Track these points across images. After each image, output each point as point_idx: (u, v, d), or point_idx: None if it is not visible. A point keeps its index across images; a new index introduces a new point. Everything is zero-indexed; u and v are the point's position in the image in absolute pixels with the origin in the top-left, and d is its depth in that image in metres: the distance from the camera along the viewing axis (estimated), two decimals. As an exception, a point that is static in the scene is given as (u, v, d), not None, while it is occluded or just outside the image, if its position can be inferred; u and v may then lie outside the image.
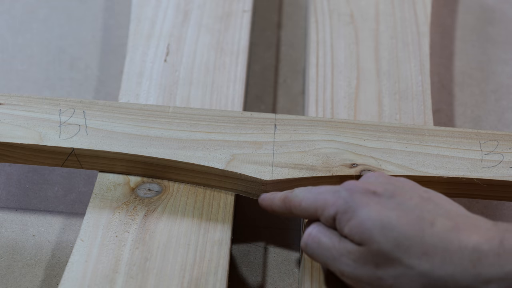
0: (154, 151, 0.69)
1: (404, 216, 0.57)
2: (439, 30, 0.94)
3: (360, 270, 0.58)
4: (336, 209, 0.59)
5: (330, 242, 0.60)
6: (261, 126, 0.72)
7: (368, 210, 0.58)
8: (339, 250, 0.59)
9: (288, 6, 0.96)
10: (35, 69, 0.87)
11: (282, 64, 0.90)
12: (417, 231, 0.56)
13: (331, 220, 0.60)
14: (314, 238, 0.61)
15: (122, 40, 0.89)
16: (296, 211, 0.63)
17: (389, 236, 0.56)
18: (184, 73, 0.79)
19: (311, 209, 0.61)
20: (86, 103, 0.72)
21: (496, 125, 0.85)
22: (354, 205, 0.59)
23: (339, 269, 0.59)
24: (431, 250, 0.55)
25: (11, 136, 0.69)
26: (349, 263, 0.58)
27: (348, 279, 0.59)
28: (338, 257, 0.59)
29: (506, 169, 0.70)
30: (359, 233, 0.58)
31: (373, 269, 0.57)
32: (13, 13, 0.92)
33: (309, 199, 0.62)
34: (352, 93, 0.78)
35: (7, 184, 0.76)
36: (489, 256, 0.54)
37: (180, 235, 0.66)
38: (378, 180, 0.61)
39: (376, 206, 0.58)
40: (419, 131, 0.72)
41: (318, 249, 0.61)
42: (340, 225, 0.59)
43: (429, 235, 0.56)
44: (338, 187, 0.61)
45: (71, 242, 0.71)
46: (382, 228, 0.57)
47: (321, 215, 0.61)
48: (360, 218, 0.58)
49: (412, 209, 0.57)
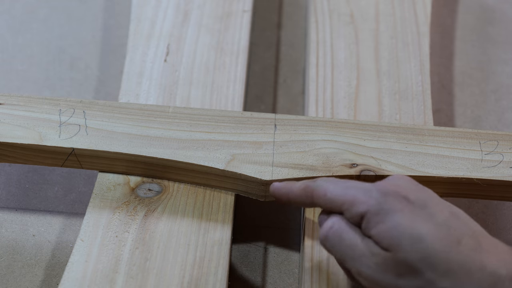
0: (154, 151, 0.69)
1: (434, 230, 0.56)
2: (439, 30, 0.94)
3: (380, 275, 0.57)
4: (367, 208, 0.58)
5: (353, 240, 0.59)
6: (261, 126, 0.72)
7: (400, 217, 0.57)
8: (362, 250, 0.58)
9: (288, 6, 0.96)
10: (35, 69, 0.87)
11: (282, 64, 0.90)
12: (444, 248, 0.56)
13: (358, 218, 0.59)
14: (336, 232, 0.59)
15: (122, 40, 0.89)
16: (319, 201, 0.61)
17: (418, 248, 0.56)
18: (184, 73, 0.79)
19: (338, 201, 0.60)
20: (86, 103, 0.72)
21: (496, 125, 0.85)
22: (386, 208, 0.58)
23: (357, 269, 0.58)
24: (455, 268, 0.55)
25: (11, 136, 0.69)
26: (370, 265, 0.58)
27: (365, 280, 0.59)
28: (359, 257, 0.58)
29: (506, 169, 0.70)
30: (388, 238, 0.57)
31: (394, 276, 0.57)
32: (13, 13, 0.92)
33: (337, 191, 0.60)
34: (352, 93, 0.78)
35: (7, 184, 0.76)
36: (505, 281, 0.55)
37: (180, 235, 0.66)
38: (407, 184, 0.60)
39: (409, 215, 0.57)
40: (419, 131, 0.72)
41: (338, 244, 0.59)
42: (367, 225, 0.58)
43: (455, 253, 0.56)
44: (369, 185, 0.60)
45: (71, 242, 0.72)
46: (412, 239, 0.56)
47: (347, 210, 0.59)
48: (392, 224, 0.57)
49: (442, 224, 0.57)
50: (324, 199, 0.61)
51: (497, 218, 0.77)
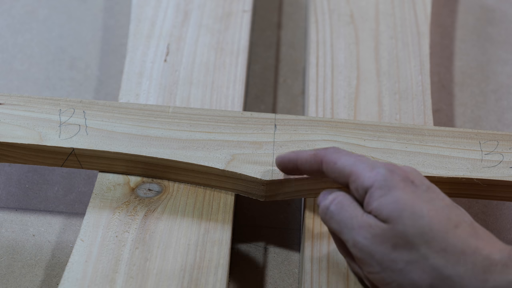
0: (154, 151, 0.69)
1: (434, 211, 0.58)
2: (439, 30, 0.94)
3: (376, 246, 0.58)
4: (372, 182, 0.59)
5: (354, 212, 0.60)
6: (261, 126, 0.72)
7: (403, 194, 0.59)
8: (361, 221, 0.59)
9: (288, 6, 0.96)
10: (35, 69, 0.87)
11: (282, 64, 0.90)
12: (442, 228, 0.57)
13: (362, 191, 0.60)
14: (338, 204, 0.61)
15: (122, 40, 0.89)
16: (328, 168, 0.62)
17: (417, 222, 0.57)
18: (184, 73, 0.79)
19: (346, 171, 0.61)
20: (86, 103, 0.72)
21: (496, 125, 0.85)
22: (391, 184, 0.59)
23: (354, 239, 0.59)
24: (450, 248, 0.57)
25: (11, 136, 0.69)
26: (367, 236, 0.59)
27: (359, 251, 0.59)
28: (357, 228, 0.59)
29: (506, 169, 0.70)
30: (388, 210, 0.58)
31: (389, 248, 0.58)
32: (13, 13, 0.92)
33: (348, 161, 0.61)
34: (352, 93, 0.78)
35: (7, 184, 0.76)
36: (498, 265, 0.56)
37: (180, 235, 0.66)
38: (415, 173, 0.62)
39: (412, 194, 0.59)
40: (419, 131, 0.73)
41: (339, 214, 0.61)
42: (369, 199, 0.59)
43: (452, 235, 0.57)
44: (378, 162, 0.61)
45: (71, 242, 0.72)
46: (412, 213, 0.58)
47: (354, 181, 0.61)
48: (394, 198, 0.58)
49: (443, 208, 0.59)
50: (333, 167, 0.62)
51: (497, 218, 0.77)
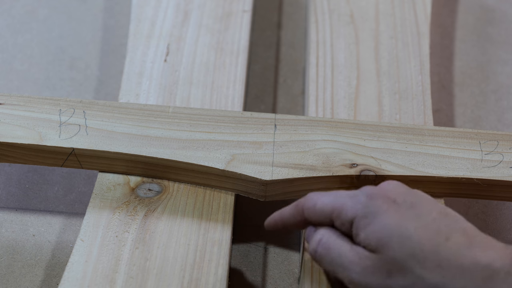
0: (154, 151, 0.69)
1: (422, 228, 0.57)
2: (439, 30, 0.94)
3: (370, 277, 0.58)
4: (355, 213, 0.59)
5: (341, 248, 0.59)
6: (261, 126, 0.72)
7: (386, 217, 0.58)
8: (350, 257, 0.59)
9: (288, 6, 0.96)
10: (35, 69, 0.87)
11: (282, 64, 0.90)
12: (433, 244, 0.56)
13: (348, 224, 0.59)
14: (324, 245, 0.60)
15: (122, 40, 0.89)
16: (309, 213, 0.62)
17: (406, 245, 0.56)
18: (184, 73, 0.79)
19: (327, 210, 0.61)
20: (86, 103, 0.72)
21: (496, 125, 0.85)
22: (373, 210, 0.58)
23: (348, 277, 0.59)
24: (445, 264, 0.56)
25: (11, 136, 0.69)
26: (359, 270, 0.58)
27: (356, 287, 0.59)
28: (348, 265, 0.59)
29: (506, 169, 0.70)
30: (375, 239, 0.57)
31: (384, 277, 0.57)
32: (13, 13, 0.92)
33: (326, 201, 0.61)
34: (352, 93, 0.78)
35: (7, 184, 0.76)
36: (500, 274, 0.55)
37: (180, 235, 0.66)
38: (396, 189, 0.61)
39: (395, 214, 0.58)
40: (419, 131, 0.73)
41: (327, 256, 0.60)
42: (356, 230, 0.59)
43: (444, 249, 0.56)
44: (357, 191, 0.61)
45: (71, 242, 0.72)
46: (399, 237, 0.57)
47: (337, 218, 0.60)
48: (379, 225, 0.58)
49: (430, 223, 0.58)
50: (314, 209, 0.61)
51: (497, 218, 0.77)
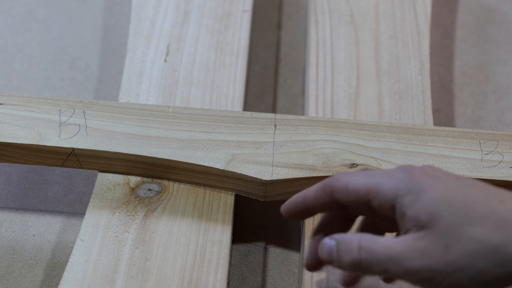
0: (154, 151, 0.69)
1: (473, 196, 0.54)
2: (439, 30, 0.94)
3: (428, 259, 0.53)
4: (396, 192, 0.54)
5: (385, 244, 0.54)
6: (261, 126, 0.72)
7: (433, 191, 0.54)
8: (399, 248, 0.54)
9: (288, 6, 0.96)
10: (35, 69, 0.87)
11: (282, 64, 0.90)
12: (488, 207, 0.53)
13: (387, 204, 0.55)
14: (366, 249, 0.55)
15: (122, 40, 0.89)
16: (341, 196, 0.56)
17: (460, 212, 0.53)
18: (184, 73, 0.79)
19: (362, 191, 0.56)
20: (86, 103, 0.72)
21: (496, 125, 0.85)
22: (417, 186, 0.54)
23: (404, 268, 0.53)
24: (505, 223, 0.52)
25: (11, 136, 0.69)
26: (415, 256, 0.53)
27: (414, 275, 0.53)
28: (400, 255, 0.53)
29: (506, 169, 0.70)
30: (426, 214, 0.53)
31: (442, 252, 0.52)
32: (13, 13, 0.92)
33: (359, 181, 0.56)
34: (352, 93, 0.78)
35: (7, 184, 0.76)
36: None
37: (180, 235, 0.66)
38: (432, 167, 0.57)
39: (441, 187, 0.54)
40: (419, 131, 0.73)
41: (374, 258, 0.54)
42: (401, 209, 0.54)
43: (501, 211, 0.52)
44: (390, 170, 0.56)
45: (71, 242, 0.71)
46: (451, 206, 0.53)
47: (374, 198, 0.55)
48: (427, 199, 0.53)
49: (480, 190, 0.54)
50: (346, 192, 0.56)
51: (497, 218, 0.77)
